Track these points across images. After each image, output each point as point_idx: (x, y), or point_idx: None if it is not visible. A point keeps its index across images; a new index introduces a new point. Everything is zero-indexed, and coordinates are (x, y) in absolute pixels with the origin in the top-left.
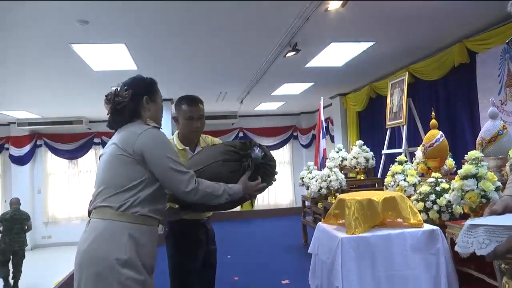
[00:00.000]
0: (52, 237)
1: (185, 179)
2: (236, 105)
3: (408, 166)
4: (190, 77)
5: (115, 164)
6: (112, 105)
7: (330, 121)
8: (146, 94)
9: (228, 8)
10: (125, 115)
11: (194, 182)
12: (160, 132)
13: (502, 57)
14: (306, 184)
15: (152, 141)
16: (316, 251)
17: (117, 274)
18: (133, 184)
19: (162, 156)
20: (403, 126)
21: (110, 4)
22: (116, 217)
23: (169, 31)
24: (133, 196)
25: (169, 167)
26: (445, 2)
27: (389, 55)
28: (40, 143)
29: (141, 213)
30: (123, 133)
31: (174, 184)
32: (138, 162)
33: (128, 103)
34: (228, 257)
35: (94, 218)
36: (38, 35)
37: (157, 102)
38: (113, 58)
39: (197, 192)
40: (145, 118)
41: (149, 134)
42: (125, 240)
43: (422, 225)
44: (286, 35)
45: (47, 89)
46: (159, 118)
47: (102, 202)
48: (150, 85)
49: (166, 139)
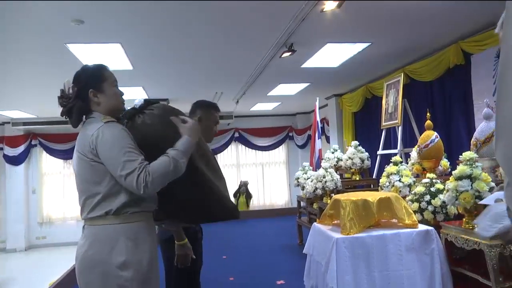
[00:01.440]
0: (47, 237)
1: (134, 180)
2: (232, 105)
3: (403, 166)
4: (185, 77)
5: (84, 172)
6: (62, 108)
7: (325, 121)
8: (91, 86)
9: (224, 8)
10: (76, 116)
11: (143, 179)
12: (109, 129)
13: (496, 58)
14: (301, 185)
15: (102, 145)
16: (311, 251)
17: (116, 278)
18: (109, 188)
19: (113, 162)
20: (399, 127)
21: (106, 4)
22: (108, 221)
23: (165, 31)
24: (116, 199)
25: (119, 175)
26: (441, 3)
27: (384, 56)
28: (35, 143)
29: (131, 211)
30: (79, 136)
31: (131, 189)
32: (101, 163)
33: (74, 103)
34: (223, 257)
35: (87, 225)
36: (33, 34)
37: (107, 91)
38: (108, 58)
39: (151, 187)
40: (100, 111)
41: (99, 136)
42: (121, 241)
43: (417, 226)
44: (282, 36)
45: (42, 88)
46: (117, 106)
47: (89, 214)
48: (94, 74)
49: (116, 135)
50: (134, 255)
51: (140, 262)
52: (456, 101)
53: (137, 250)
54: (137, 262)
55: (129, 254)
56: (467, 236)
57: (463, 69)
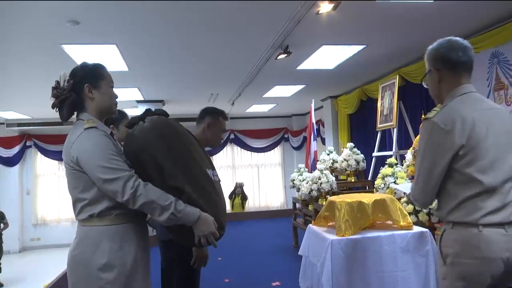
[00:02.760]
0: (41, 239)
1: (119, 188)
2: (228, 107)
3: (398, 168)
4: (181, 78)
5: (70, 178)
6: (55, 99)
7: (321, 123)
8: (88, 82)
9: (220, 10)
10: (67, 109)
11: (130, 188)
12: (88, 137)
13: (490, 61)
14: (297, 186)
15: (83, 153)
16: (307, 253)
17: (97, 279)
18: (94, 194)
19: (92, 168)
20: (394, 129)
21: (101, 5)
22: (93, 222)
23: (161, 33)
24: (100, 204)
25: (102, 179)
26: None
27: (379, 58)
28: (29, 144)
29: (116, 213)
30: (65, 142)
31: (113, 196)
32: (83, 172)
33: (69, 96)
34: (219, 259)
35: (78, 225)
36: (28, 35)
37: (102, 89)
38: (104, 59)
39: (135, 200)
40: (91, 109)
41: (80, 142)
42: (103, 243)
43: (411, 227)
44: (278, 38)
45: (37, 89)
46: (109, 106)
47: (78, 216)
48: (92, 71)
49: (97, 141)
50: (117, 257)
51: (124, 264)
52: None
53: (120, 251)
54: (120, 264)
55: (111, 256)
56: None
57: None
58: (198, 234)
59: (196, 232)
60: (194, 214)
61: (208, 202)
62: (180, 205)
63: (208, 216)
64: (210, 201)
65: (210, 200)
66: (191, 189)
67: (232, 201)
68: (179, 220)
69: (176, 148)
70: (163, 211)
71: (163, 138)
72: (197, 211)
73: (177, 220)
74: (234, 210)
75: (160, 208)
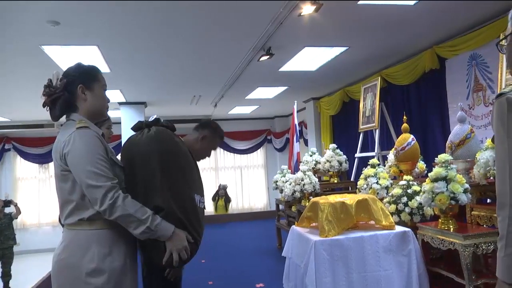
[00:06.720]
0: (21, 244)
1: (99, 196)
2: (210, 109)
3: (380, 169)
4: (164, 80)
5: (59, 179)
6: (46, 97)
7: (303, 124)
8: (82, 82)
9: (202, 11)
10: (59, 108)
11: (109, 199)
12: (80, 136)
13: (469, 63)
14: (280, 188)
15: (73, 151)
16: (290, 254)
17: (85, 285)
18: (81, 196)
19: (79, 169)
20: (376, 130)
21: (82, 5)
22: (82, 226)
23: (142, 34)
24: (89, 208)
25: (86, 183)
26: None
27: (362, 60)
28: (8, 147)
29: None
30: (55, 143)
31: (92, 202)
32: (70, 172)
33: (62, 95)
34: (202, 261)
35: (64, 228)
36: (7, 36)
37: (96, 91)
38: (85, 61)
39: (112, 211)
40: (83, 110)
41: (69, 143)
42: (92, 248)
43: (394, 227)
44: (260, 39)
45: (17, 91)
46: (101, 109)
47: (66, 220)
48: (87, 72)
49: (88, 142)
50: (106, 262)
51: (113, 269)
52: (432, 104)
53: (110, 256)
54: (109, 269)
55: (100, 260)
56: (442, 237)
57: (438, 73)
58: (171, 249)
59: (169, 247)
60: (169, 230)
61: (190, 223)
62: (156, 219)
63: (181, 231)
64: (190, 223)
65: (190, 222)
66: (175, 207)
67: (215, 203)
68: (153, 234)
69: (172, 166)
70: (139, 225)
71: (162, 152)
72: (172, 227)
73: (152, 234)
74: (217, 212)
75: (136, 221)
